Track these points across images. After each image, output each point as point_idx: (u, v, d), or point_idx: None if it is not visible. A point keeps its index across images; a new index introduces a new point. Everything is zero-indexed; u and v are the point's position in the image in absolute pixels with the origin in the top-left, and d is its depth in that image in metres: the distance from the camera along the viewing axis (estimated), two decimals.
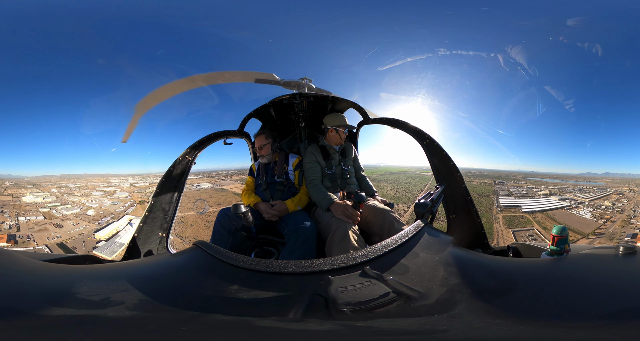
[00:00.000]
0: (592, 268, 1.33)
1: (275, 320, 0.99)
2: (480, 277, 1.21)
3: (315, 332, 0.94)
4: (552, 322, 0.94)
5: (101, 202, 17.01)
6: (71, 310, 1.07)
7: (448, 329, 0.94)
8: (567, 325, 0.95)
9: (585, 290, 1.11)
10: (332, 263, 1.17)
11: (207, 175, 16.82)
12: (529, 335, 0.92)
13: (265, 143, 3.04)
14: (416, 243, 1.39)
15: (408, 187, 19.48)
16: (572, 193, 18.79)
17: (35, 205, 16.05)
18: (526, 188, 18.95)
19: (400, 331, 0.93)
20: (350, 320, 0.96)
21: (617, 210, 17.01)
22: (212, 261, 1.30)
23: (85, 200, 17.00)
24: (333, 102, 3.51)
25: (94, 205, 16.76)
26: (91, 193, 17.43)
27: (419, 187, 19.38)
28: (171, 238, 2.83)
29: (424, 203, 1.79)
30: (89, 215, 15.97)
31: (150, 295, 1.12)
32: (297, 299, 1.05)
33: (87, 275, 1.39)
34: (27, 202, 16.12)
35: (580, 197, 18.47)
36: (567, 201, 18.14)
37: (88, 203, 16.91)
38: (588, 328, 0.93)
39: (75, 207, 16.33)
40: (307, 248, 2.41)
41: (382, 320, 0.96)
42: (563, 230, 1.70)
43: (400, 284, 1.08)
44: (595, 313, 0.97)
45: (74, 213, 15.99)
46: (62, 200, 16.81)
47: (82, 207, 16.49)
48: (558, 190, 19.18)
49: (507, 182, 19.02)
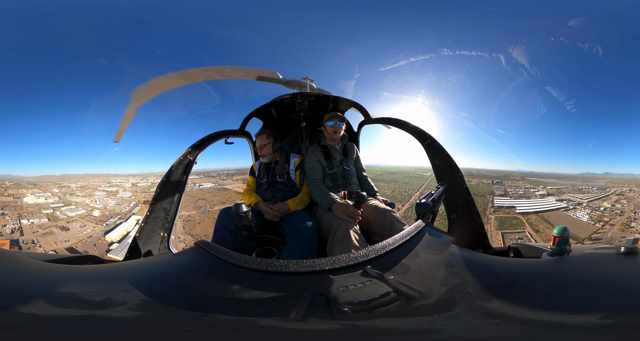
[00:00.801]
0: (594, 269, 1.33)
1: (277, 319, 0.99)
2: (481, 277, 1.22)
3: (317, 331, 0.95)
4: (553, 322, 0.94)
5: (105, 202, 16.62)
6: (74, 310, 1.08)
7: (449, 329, 0.94)
8: (568, 325, 0.95)
9: (586, 290, 1.11)
10: (334, 262, 1.17)
11: (208, 175, 16.65)
12: (531, 335, 0.92)
13: (266, 143, 3.04)
14: (417, 243, 1.39)
15: (405, 186, 19.30)
16: (570, 193, 18.11)
17: (37, 206, 15.54)
18: (524, 188, 18.44)
19: (401, 330, 0.94)
20: (351, 319, 0.96)
21: (617, 212, 16.30)
22: (213, 261, 1.31)
23: (89, 200, 16.55)
24: (334, 102, 3.51)
25: (98, 205, 16.33)
26: (94, 194, 16.93)
27: (416, 186, 19.23)
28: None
29: (425, 203, 1.79)
30: (95, 216, 15.49)
31: (153, 294, 1.12)
32: (298, 298, 1.06)
33: (90, 275, 1.39)
34: (28, 203, 15.61)
35: (578, 198, 17.81)
36: (564, 202, 17.54)
37: (92, 203, 16.44)
38: (590, 329, 0.93)
39: (79, 208, 15.84)
40: (308, 248, 2.42)
41: (383, 319, 0.96)
42: (564, 230, 1.69)
43: (401, 284, 1.09)
44: (597, 313, 0.97)
45: (79, 215, 15.49)
46: (64, 200, 16.34)
47: (87, 208, 16.06)
48: (556, 190, 18.57)
49: (505, 182, 18.38)
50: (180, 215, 3.34)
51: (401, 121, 3.22)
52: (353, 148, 3.20)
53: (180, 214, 3.18)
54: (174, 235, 2.93)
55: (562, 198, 17.75)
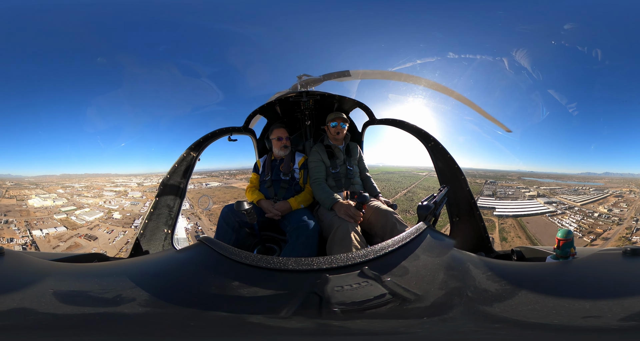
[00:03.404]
0: (600, 271, 1.31)
1: (266, 316, 1.00)
2: (482, 281, 1.21)
3: (305, 329, 0.95)
4: (564, 326, 0.93)
5: (119, 202, 15.00)
6: (81, 308, 1.10)
7: (440, 332, 0.94)
8: (580, 328, 0.93)
9: (593, 293, 1.10)
10: (332, 262, 1.17)
11: (210, 174, 16.48)
12: (536, 340, 0.91)
13: (287, 136, 3.08)
14: (417, 245, 1.39)
15: (395, 184, 19.04)
16: (564, 194, 15.94)
17: (45, 210, 13.35)
18: (515, 188, 16.66)
19: (392, 332, 0.94)
20: (338, 319, 0.96)
21: (614, 220, 13.33)
22: (216, 257, 1.32)
23: (101, 201, 14.87)
24: (339, 102, 3.51)
25: (113, 206, 14.55)
26: (102, 194, 15.40)
27: (406, 184, 18.97)
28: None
29: (426, 206, 1.78)
30: (116, 219, 13.54)
31: (158, 291, 1.15)
32: (292, 296, 1.06)
33: (96, 273, 1.42)
34: (35, 207, 13.37)
35: (571, 200, 15.38)
36: (553, 205, 15.12)
37: (106, 204, 14.67)
38: (597, 332, 0.92)
39: (96, 210, 13.93)
40: (308, 246, 2.42)
41: (375, 320, 0.97)
42: (569, 233, 1.67)
43: (397, 286, 1.09)
44: (605, 317, 0.95)
45: (98, 218, 13.50)
46: (74, 202, 14.34)
47: (103, 210, 14.15)
48: (549, 191, 16.52)
49: (500, 181, 16.89)
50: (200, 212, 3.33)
51: (405, 123, 3.20)
52: (356, 148, 3.20)
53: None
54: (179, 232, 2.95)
55: (552, 200, 15.74)
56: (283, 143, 3.06)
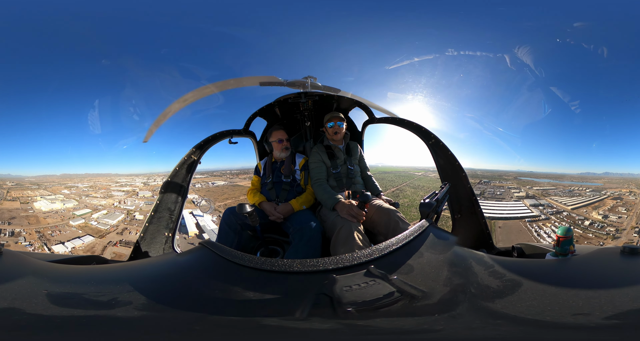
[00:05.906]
0: (598, 269, 1.32)
1: (281, 319, 1.00)
2: (485, 277, 1.21)
3: (320, 331, 0.95)
4: (557, 323, 0.94)
5: (135, 203, 14.00)
6: (80, 310, 1.09)
7: (452, 329, 0.94)
8: (573, 326, 0.94)
9: (591, 291, 1.11)
10: (337, 262, 1.18)
11: (212, 174, 16.38)
12: (535, 336, 0.92)
13: (287, 137, 3.08)
14: (421, 243, 1.39)
15: (388, 183, 19.00)
16: (557, 196, 14.29)
17: (56, 214, 11.47)
18: (505, 188, 15.52)
19: (404, 330, 0.94)
20: (355, 319, 0.96)
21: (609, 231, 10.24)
22: (218, 260, 1.31)
23: (115, 202, 13.62)
24: (338, 101, 3.52)
25: (129, 206, 13.36)
26: (112, 194, 14.44)
27: (398, 183, 18.94)
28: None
29: (428, 203, 1.78)
30: (139, 220, 12.33)
31: (158, 294, 1.14)
32: (302, 298, 1.06)
33: (95, 275, 1.41)
34: (43, 211, 11.50)
35: (561, 203, 13.35)
36: (538, 208, 13.10)
37: (122, 205, 13.42)
38: (595, 329, 0.92)
39: (115, 212, 12.58)
40: (312, 247, 2.42)
41: (387, 319, 0.97)
42: (568, 230, 1.68)
43: (404, 283, 1.09)
44: (602, 314, 0.96)
45: (121, 220, 12.26)
46: (85, 203, 12.84)
47: (122, 211, 12.97)
48: (541, 192, 14.99)
49: (494, 181, 16.08)
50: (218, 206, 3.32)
51: (405, 120, 3.21)
52: (356, 147, 3.20)
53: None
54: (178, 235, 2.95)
55: (540, 202, 14.05)
56: (283, 145, 3.06)
